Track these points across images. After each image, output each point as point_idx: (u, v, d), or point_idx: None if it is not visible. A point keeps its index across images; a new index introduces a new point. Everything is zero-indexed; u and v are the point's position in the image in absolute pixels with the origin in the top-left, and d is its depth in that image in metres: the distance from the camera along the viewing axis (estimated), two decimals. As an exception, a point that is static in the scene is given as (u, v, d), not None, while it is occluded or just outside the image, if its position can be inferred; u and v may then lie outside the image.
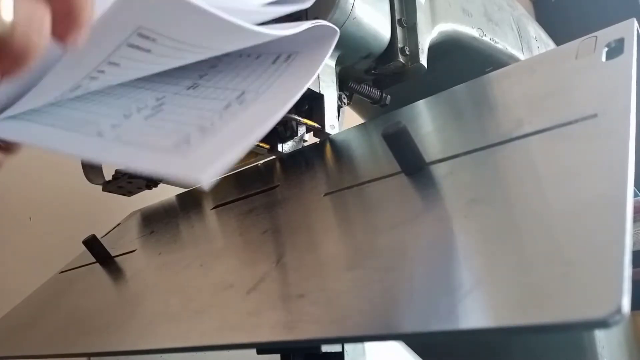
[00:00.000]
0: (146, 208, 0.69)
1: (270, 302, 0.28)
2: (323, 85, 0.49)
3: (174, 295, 0.36)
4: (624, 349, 0.72)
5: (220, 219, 0.49)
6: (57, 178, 0.80)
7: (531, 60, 0.44)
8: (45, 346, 0.41)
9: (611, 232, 0.19)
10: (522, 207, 0.24)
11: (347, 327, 0.23)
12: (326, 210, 0.37)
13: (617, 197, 0.20)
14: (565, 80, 0.34)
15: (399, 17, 0.52)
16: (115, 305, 0.42)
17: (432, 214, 0.28)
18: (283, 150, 0.51)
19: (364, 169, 0.41)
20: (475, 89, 0.42)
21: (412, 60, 0.52)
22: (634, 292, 0.17)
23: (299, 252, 0.32)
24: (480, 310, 0.19)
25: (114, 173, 0.64)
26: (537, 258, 0.20)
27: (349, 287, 0.25)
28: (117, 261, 0.53)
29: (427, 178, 0.32)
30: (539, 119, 0.31)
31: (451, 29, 0.61)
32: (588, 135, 0.26)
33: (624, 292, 0.16)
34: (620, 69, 0.30)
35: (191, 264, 0.40)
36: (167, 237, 0.52)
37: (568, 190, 0.23)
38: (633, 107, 0.26)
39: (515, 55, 0.74)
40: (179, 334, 0.30)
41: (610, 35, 0.34)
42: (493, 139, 0.32)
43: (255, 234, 0.39)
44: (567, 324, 0.17)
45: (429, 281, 0.22)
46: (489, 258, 0.22)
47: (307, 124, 0.48)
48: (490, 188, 0.28)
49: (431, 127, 0.41)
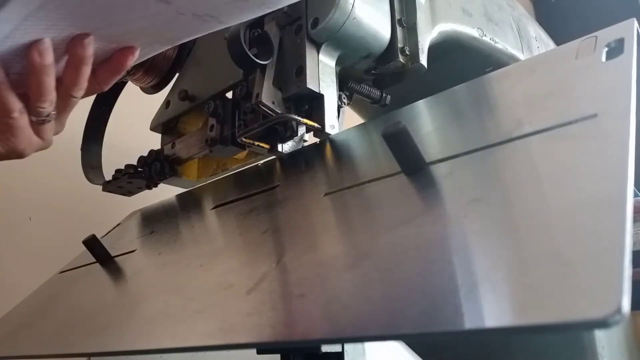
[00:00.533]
0: (146, 208, 0.69)
1: (270, 302, 0.28)
2: (323, 85, 0.49)
3: (174, 295, 0.36)
4: (624, 349, 0.72)
5: (220, 219, 0.49)
6: (57, 178, 0.80)
7: (531, 60, 0.44)
8: (45, 346, 0.41)
9: (611, 232, 0.19)
10: (522, 207, 0.24)
11: (347, 327, 0.23)
12: (326, 210, 0.37)
13: (617, 197, 0.20)
14: (565, 80, 0.34)
15: (399, 17, 0.52)
16: (115, 305, 0.42)
17: (432, 214, 0.28)
18: (283, 150, 0.51)
19: (364, 169, 0.41)
20: (475, 89, 0.42)
21: (412, 60, 0.52)
22: (634, 292, 0.17)
23: (299, 252, 0.32)
24: (480, 310, 0.19)
25: (114, 173, 0.64)
26: (537, 258, 0.20)
27: (349, 287, 0.25)
28: (117, 261, 0.53)
29: (427, 178, 0.32)
30: (539, 119, 0.31)
31: (451, 29, 0.61)
32: (588, 135, 0.26)
33: (624, 292, 0.16)
34: (620, 69, 0.30)
35: (191, 264, 0.40)
36: (167, 237, 0.52)
37: (568, 190, 0.23)
38: (633, 107, 0.26)
39: (515, 55, 0.74)
40: (179, 334, 0.30)
41: (610, 35, 0.34)
42: (493, 139, 0.32)
43: (255, 234, 0.39)
44: (567, 324, 0.17)
45: (429, 281, 0.22)
46: (489, 258, 0.22)
47: (307, 124, 0.48)
48: (490, 188, 0.28)
49: (431, 127, 0.41)
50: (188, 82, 0.62)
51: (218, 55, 0.57)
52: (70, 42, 0.36)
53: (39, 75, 0.36)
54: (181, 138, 0.62)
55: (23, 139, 0.39)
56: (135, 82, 0.62)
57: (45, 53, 0.35)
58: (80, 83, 0.38)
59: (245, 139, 0.50)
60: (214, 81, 0.58)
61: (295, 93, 0.48)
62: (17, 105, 0.37)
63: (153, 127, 0.66)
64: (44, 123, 0.39)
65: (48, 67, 0.36)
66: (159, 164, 0.62)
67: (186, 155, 0.61)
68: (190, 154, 0.60)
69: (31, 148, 0.40)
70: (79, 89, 0.38)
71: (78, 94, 0.39)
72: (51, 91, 0.37)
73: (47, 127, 0.40)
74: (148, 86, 0.62)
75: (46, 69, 0.36)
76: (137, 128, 0.72)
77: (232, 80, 0.55)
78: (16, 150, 0.40)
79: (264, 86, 0.48)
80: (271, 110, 0.48)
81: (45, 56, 0.35)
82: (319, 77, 0.49)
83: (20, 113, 0.38)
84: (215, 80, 0.58)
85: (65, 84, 0.38)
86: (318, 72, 0.49)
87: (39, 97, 0.37)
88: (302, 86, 0.48)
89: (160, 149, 0.65)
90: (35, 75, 0.36)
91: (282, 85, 0.49)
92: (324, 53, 0.50)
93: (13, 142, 0.39)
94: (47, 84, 0.37)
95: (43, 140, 0.41)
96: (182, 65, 0.63)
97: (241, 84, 0.53)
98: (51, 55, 0.36)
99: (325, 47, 0.49)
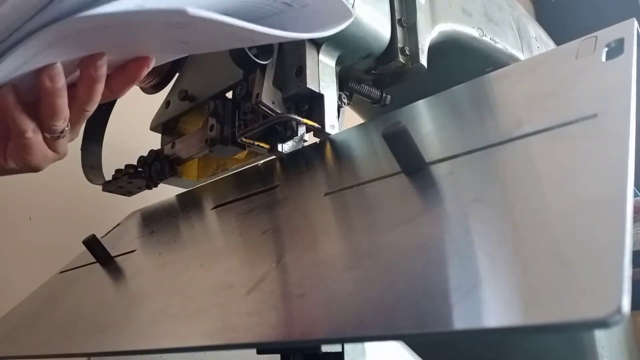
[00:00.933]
0: (146, 208, 0.69)
1: (270, 302, 0.28)
2: (323, 85, 0.49)
3: (174, 295, 0.36)
4: (624, 349, 0.72)
5: (220, 219, 0.49)
6: (57, 178, 0.80)
7: (531, 60, 0.44)
8: (45, 346, 0.41)
9: (611, 232, 0.19)
10: (522, 207, 0.24)
11: (347, 327, 0.23)
12: (326, 210, 0.37)
13: (617, 197, 0.20)
14: (565, 80, 0.34)
15: (399, 17, 0.52)
16: (115, 305, 0.42)
17: (432, 214, 0.28)
18: (283, 150, 0.51)
19: (364, 169, 0.41)
20: (475, 89, 0.42)
21: (412, 60, 0.52)
22: (634, 292, 0.17)
23: (299, 252, 0.32)
24: (480, 311, 0.19)
25: (114, 173, 0.64)
26: (537, 258, 0.20)
27: (349, 287, 0.25)
28: (117, 261, 0.53)
29: (427, 178, 0.32)
30: (539, 119, 0.31)
31: (451, 29, 0.61)
32: (588, 135, 0.26)
33: (624, 292, 0.16)
34: (620, 69, 0.30)
35: (191, 264, 0.40)
36: (167, 237, 0.52)
37: (568, 190, 0.23)
38: (633, 107, 0.26)
39: (515, 55, 0.74)
40: (179, 334, 0.30)
41: (610, 35, 0.34)
42: (493, 139, 0.32)
43: (255, 234, 0.39)
44: (567, 324, 0.17)
45: (429, 281, 0.22)
46: (489, 258, 0.22)
47: (307, 124, 0.48)
48: (490, 188, 0.28)
49: (431, 127, 0.41)
50: (188, 82, 0.62)
51: (218, 55, 0.57)
52: (82, 61, 0.35)
53: (51, 98, 0.35)
54: (181, 138, 0.62)
55: (38, 156, 0.39)
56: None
57: (56, 78, 0.34)
58: (94, 99, 0.37)
59: (245, 139, 0.50)
60: (214, 81, 0.58)
61: (295, 93, 0.48)
62: (29, 126, 0.37)
63: (153, 127, 0.66)
64: (58, 139, 0.39)
65: (60, 90, 0.35)
66: (159, 164, 0.62)
67: (186, 155, 0.61)
68: (190, 154, 0.60)
69: (47, 162, 0.40)
70: (92, 105, 0.38)
71: (92, 108, 0.38)
72: (64, 110, 0.36)
73: (62, 141, 0.39)
74: (148, 86, 0.62)
75: (58, 92, 0.35)
76: (137, 128, 0.72)
77: (232, 80, 0.55)
78: (31, 166, 0.39)
79: (264, 86, 0.48)
80: (271, 110, 0.48)
81: (56, 81, 0.34)
82: (319, 77, 0.49)
83: (33, 132, 0.37)
84: (215, 80, 0.58)
85: (79, 100, 0.37)
86: (318, 72, 0.49)
87: (52, 117, 0.36)
88: (302, 86, 0.48)
89: (160, 149, 0.65)
90: (48, 98, 0.35)
91: (282, 85, 0.49)
92: (324, 53, 0.50)
93: (28, 159, 0.39)
94: (60, 105, 0.36)
95: (58, 154, 0.40)
96: (182, 65, 0.63)
97: (241, 84, 0.53)
98: (62, 78, 0.35)
99: (325, 47, 0.49)
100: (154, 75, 0.61)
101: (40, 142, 0.38)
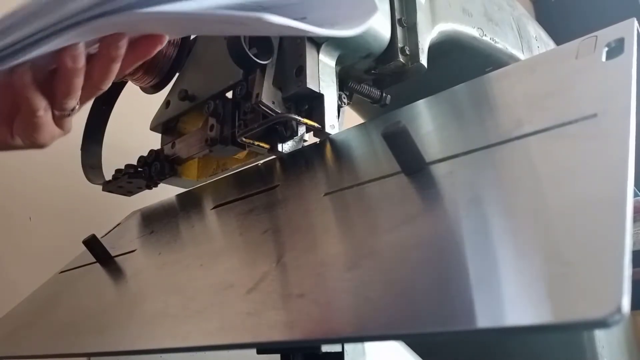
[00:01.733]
0: (146, 208, 0.69)
1: (270, 302, 0.28)
2: (323, 85, 0.49)
3: (174, 295, 0.36)
4: (624, 349, 0.72)
5: (220, 219, 0.49)
6: (57, 178, 0.80)
7: (531, 60, 0.44)
8: (45, 346, 0.41)
9: (611, 232, 0.19)
10: (521, 207, 0.24)
11: (347, 327, 0.23)
12: (326, 210, 0.37)
13: (617, 197, 0.20)
14: (565, 80, 0.34)
15: (399, 17, 0.52)
16: (115, 305, 0.42)
17: (432, 214, 0.28)
18: (283, 150, 0.51)
19: (364, 169, 0.41)
20: (475, 89, 0.42)
21: (412, 60, 0.52)
22: (634, 292, 0.17)
23: (299, 252, 0.32)
24: (480, 310, 0.19)
25: (114, 173, 0.64)
26: (537, 258, 0.20)
27: (349, 287, 0.25)
28: (117, 261, 0.53)
29: (427, 178, 0.32)
30: (539, 118, 0.31)
31: (451, 28, 0.61)
32: (588, 135, 0.26)
33: (623, 292, 0.16)
34: (620, 69, 0.30)
35: (191, 264, 0.40)
36: (167, 237, 0.52)
37: (568, 190, 0.23)
38: (633, 107, 0.26)
39: (515, 55, 0.74)
40: (179, 334, 0.30)
41: (610, 35, 0.34)
42: (493, 139, 0.32)
43: (255, 234, 0.39)
44: (567, 324, 0.17)
45: (429, 281, 0.22)
46: (488, 258, 0.22)
47: (307, 123, 0.48)
48: (490, 188, 0.28)
49: (431, 127, 0.41)
50: (188, 82, 0.62)
51: (218, 55, 0.57)
52: (103, 41, 0.35)
53: (70, 77, 0.35)
54: (181, 138, 0.62)
55: (46, 134, 0.39)
56: (135, 82, 0.62)
57: (78, 59, 0.34)
58: (110, 78, 0.37)
59: (245, 138, 0.50)
60: (214, 81, 0.58)
61: (295, 93, 0.48)
62: (42, 104, 0.36)
63: (153, 127, 0.66)
64: (68, 116, 0.39)
65: (80, 70, 0.35)
66: (159, 164, 0.62)
67: (186, 155, 0.61)
68: (190, 154, 0.60)
69: (53, 140, 0.40)
70: (107, 83, 0.37)
71: (106, 87, 0.38)
72: (79, 89, 0.36)
73: (69, 118, 0.39)
74: (148, 86, 0.62)
75: (78, 72, 0.35)
76: (137, 128, 0.72)
77: (232, 80, 0.55)
78: (37, 143, 0.39)
79: (264, 86, 0.48)
80: (271, 110, 0.48)
81: (78, 61, 0.34)
82: (319, 77, 0.49)
83: (45, 110, 0.37)
84: (215, 80, 0.58)
85: (94, 79, 0.37)
86: (318, 72, 0.49)
87: (66, 95, 0.36)
88: (302, 86, 0.48)
89: (160, 148, 0.65)
90: (66, 77, 0.35)
91: (282, 85, 0.49)
92: (324, 53, 0.50)
93: (35, 136, 0.38)
94: (76, 84, 0.36)
95: (63, 131, 0.40)
96: (182, 65, 0.63)
97: (241, 84, 0.53)
98: (83, 59, 0.35)
99: (325, 47, 0.49)
100: (154, 75, 0.61)
101: (50, 120, 0.38)
